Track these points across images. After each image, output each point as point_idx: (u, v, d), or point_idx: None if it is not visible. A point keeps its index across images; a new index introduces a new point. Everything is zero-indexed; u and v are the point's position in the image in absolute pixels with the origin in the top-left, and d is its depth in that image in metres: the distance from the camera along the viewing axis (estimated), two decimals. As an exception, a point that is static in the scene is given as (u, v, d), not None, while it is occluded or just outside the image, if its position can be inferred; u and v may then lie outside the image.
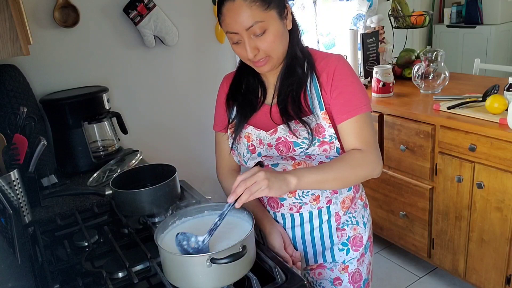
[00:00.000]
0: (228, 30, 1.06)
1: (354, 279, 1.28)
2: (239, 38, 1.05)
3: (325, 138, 1.12)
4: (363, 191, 1.32)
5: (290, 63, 1.14)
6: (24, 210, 1.39)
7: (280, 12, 1.06)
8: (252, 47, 1.05)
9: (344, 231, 1.24)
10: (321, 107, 1.12)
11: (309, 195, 1.18)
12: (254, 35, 1.04)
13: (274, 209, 1.23)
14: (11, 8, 1.14)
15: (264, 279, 0.96)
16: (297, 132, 1.11)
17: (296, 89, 1.13)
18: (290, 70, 1.14)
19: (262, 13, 1.02)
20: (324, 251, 1.25)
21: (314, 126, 1.11)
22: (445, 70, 2.29)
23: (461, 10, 3.98)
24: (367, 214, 1.30)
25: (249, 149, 1.19)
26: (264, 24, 1.03)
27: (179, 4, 2.33)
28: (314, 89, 1.13)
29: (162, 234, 1.04)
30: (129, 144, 2.11)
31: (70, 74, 2.08)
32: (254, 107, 1.19)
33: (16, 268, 0.90)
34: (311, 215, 1.20)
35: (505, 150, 1.78)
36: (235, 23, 1.03)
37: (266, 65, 1.09)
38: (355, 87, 1.11)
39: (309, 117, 1.11)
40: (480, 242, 1.98)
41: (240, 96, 1.21)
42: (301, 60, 1.14)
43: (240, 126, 1.19)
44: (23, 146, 1.45)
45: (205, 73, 2.47)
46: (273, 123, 1.15)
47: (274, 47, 1.06)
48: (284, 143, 1.13)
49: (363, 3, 2.80)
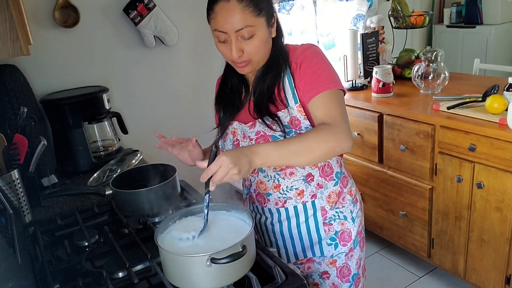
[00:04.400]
0: (217, 29, 1.08)
1: (342, 273, 1.31)
2: (226, 38, 1.08)
3: (301, 130, 1.15)
4: (353, 186, 1.32)
5: (269, 64, 1.17)
6: (24, 210, 1.39)
7: (268, 20, 1.11)
8: (238, 49, 1.08)
9: (332, 225, 1.26)
10: (295, 100, 1.15)
11: (293, 190, 1.21)
12: (241, 37, 1.07)
13: (262, 204, 1.26)
14: (11, 8, 1.14)
15: (264, 279, 0.96)
16: (274, 125, 1.14)
17: (271, 86, 1.16)
18: (267, 69, 1.17)
19: (253, 19, 1.06)
20: (313, 245, 1.28)
21: (289, 119, 1.14)
22: (445, 70, 2.29)
23: (461, 10, 3.98)
24: (357, 209, 1.31)
25: (234, 144, 1.23)
26: (253, 29, 1.07)
27: (179, 4, 2.33)
28: (288, 82, 1.16)
29: (162, 234, 1.04)
30: (129, 144, 2.11)
31: (70, 74, 2.08)
32: (237, 105, 1.23)
33: (16, 268, 0.90)
34: (296, 209, 1.23)
35: (505, 150, 1.78)
36: (226, 23, 1.06)
37: (246, 67, 1.13)
38: (319, 66, 1.12)
39: (283, 111, 1.15)
40: (480, 242, 1.99)
41: (225, 97, 1.26)
42: (278, 59, 1.17)
43: (225, 124, 1.24)
44: (23, 146, 1.45)
45: (205, 73, 2.47)
46: (251, 117, 1.19)
47: (257, 51, 1.10)
48: (263, 137, 1.17)
49: (363, 3, 2.80)
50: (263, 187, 1.23)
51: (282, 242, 1.29)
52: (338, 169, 1.26)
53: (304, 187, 1.21)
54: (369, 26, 2.79)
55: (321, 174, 1.22)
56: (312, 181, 1.21)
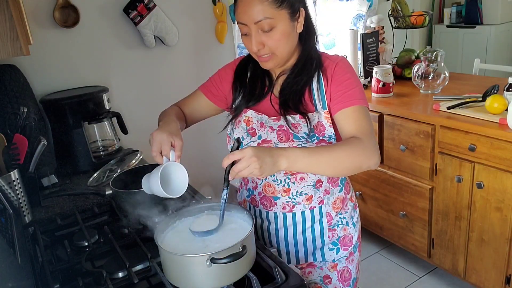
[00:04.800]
0: (239, 21, 1.09)
1: (343, 277, 1.31)
2: (248, 30, 1.08)
3: (325, 137, 1.14)
4: (353, 192, 1.34)
5: (303, 64, 1.16)
6: (25, 210, 1.39)
7: (292, 14, 1.08)
8: (257, 41, 1.08)
9: (335, 231, 1.26)
10: (324, 106, 1.14)
11: (302, 195, 1.20)
12: (261, 30, 1.06)
13: (267, 207, 1.23)
14: (11, 8, 1.14)
15: (264, 279, 0.96)
16: (299, 126, 1.13)
17: (302, 87, 1.15)
18: (301, 70, 1.16)
19: (273, 11, 1.04)
20: (315, 251, 1.27)
21: (316, 123, 1.13)
22: (445, 70, 2.29)
23: (461, 10, 3.98)
24: (357, 215, 1.33)
25: (248, 132, 1.19)
26: (273, 22, 1.05)
27: (179, 4, 2.33)
28: (318, 88, 1.15)
29: (162, 234, 1.04)
30: (129, 144, 2.11)
31: (70, 74, 2.08)
32: (258, 95, 1.21)
33: (16, 268, 0.90)
34: (304, 215, 1.22)
35: (505, 150, 1.78)
36: (245, 14, 1.06)
37: (269, 62, 1.12)
38: (352, 82, 1.12)
39: (312, 113, 1.14)
40: (480, 242, 1.99)
41: (246, 82, 1.24)
42: (312, 62, 1.16)
43: (240, 109, 1.21)
44: (23, 146, 1.45)
45: (205, 73, 2.43)
46: (275, 111, 1.17)
47: (279, 45, 1.08)
48: (285, 132, 1.15)
49: (363, 3, 2.80)
50: (271, 191, 1.21)
51: (285, 248, 1.28)
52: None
53: (313, 192, 1.20)
54: (369, 26, 2.79)
55: (329, 181, 1.22)
56: (320, 187, 1.21)
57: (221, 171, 0.96)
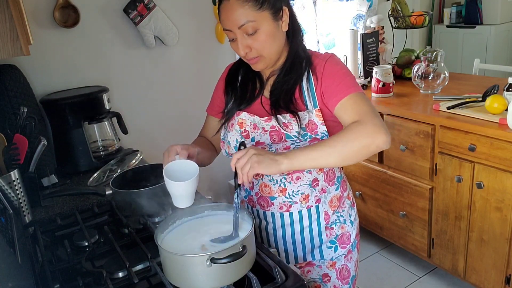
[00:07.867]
0: (224, 27, 1.11)
1: (342, 275, 1.31)
2: (233, 36, 1.10)
3: (317, 135, 1.14)
4: (350, 190, 1.34)
5: (291, 62, 1.17)
6: (25, 210, 1.39)
7: (275, 14, 1.09)
8: (244, 45, 1.09)
9: (333, 229, 1.27)
10: (315, 104, 1.14)
11: (299, 194, 1.20)
12: (246, 33, 1.08)
13: (264, 208, 1.24)
14: (12, 8, 1.14)
15: (264, 279, 0.96)
16: (290, 125, 1.13)
17: (292, 86, 1.16)
18: (290, 69, 1.16)
19: (254, 13, 1.06)
20: (313, 250, 1.28)
21: (307, 122, 1.13)
22: (445, 70, 2.29)
23: (461, 10, 3.98)
24: (354, 213, 1.33)
25: (242, 134, 1.21)
26: (256, 24, 1.06)
27: (179, 4, 2.33)
28: (308, 86, 1.15)
29: (162, 234, 1.04)
30: (129, 144, 2.11)
31: (70, 74, 2.08)
32: (249, 98, 1.22)
33: (16, 268, 0.90)
34: (301, 214, 1.22)
35: (504, 150, 1.78)
36: (228, 20, 1.08)
37: (258, 63, 1.13)
38: (343, 73, 1.13)
39: (303, 112, 1.14)
40: (479, 242, 1.99)
41: (237, 86, 1.25)
42: (302, 60, 1.17)
43: (232, 112, 1.22)
44: (23, 146, 1.45)
45: (205, 73, 2.47)
46: (266, 112, 1.18)
47: (265, 46, 1.10)
48: (277, 132, 1.16)
49: (363, 3, 2.80)
50: (268, 191, 1.21)
51: (283, 247, 1.28)
52: (339, 174, 1.27)
53: (310, 191, 1.20)
54: (369, 26, 2.79)
55: (326, 179, 1.22)
56: (317, 186, 1.21)
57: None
